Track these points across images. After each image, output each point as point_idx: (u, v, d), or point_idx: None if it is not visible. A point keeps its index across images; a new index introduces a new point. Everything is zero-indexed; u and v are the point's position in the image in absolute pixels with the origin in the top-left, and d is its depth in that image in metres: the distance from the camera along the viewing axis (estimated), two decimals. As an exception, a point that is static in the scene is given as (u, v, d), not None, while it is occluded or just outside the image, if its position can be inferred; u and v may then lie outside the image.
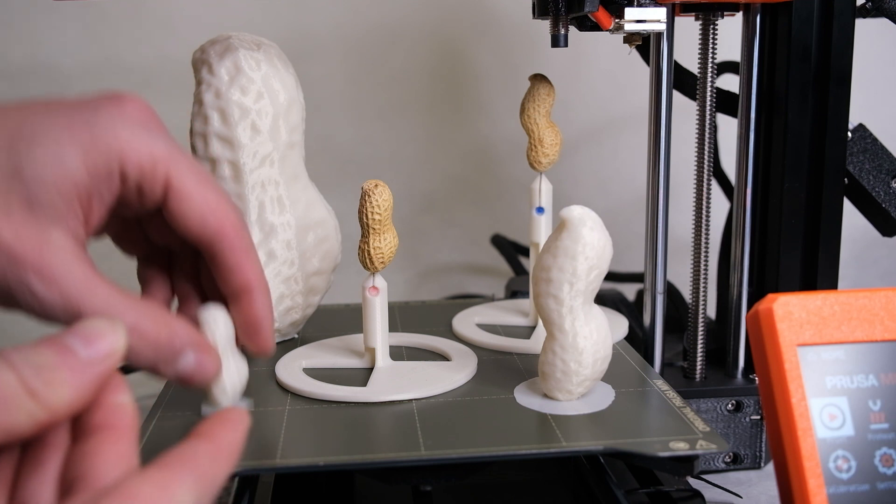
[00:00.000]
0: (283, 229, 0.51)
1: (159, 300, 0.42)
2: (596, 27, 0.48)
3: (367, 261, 0.46)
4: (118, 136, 0.35)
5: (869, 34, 0.59)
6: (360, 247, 0.46)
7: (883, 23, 0.51)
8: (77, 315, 0.34)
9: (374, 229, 0.44)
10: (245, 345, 0.41)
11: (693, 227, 0.53)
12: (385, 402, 0.43)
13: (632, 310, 0.62)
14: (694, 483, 0.48)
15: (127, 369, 0.68)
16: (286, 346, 0.53)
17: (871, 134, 0.51)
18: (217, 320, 0.41)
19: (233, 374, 0.42)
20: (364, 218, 0.44)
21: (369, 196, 0.44)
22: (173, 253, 0.42)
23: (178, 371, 0.36)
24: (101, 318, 0.30)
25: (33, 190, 0.34)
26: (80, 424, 0.30)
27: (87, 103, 0.36)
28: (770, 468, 0.51)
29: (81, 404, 0.28)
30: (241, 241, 0.39)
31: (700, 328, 0.52)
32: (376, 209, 0.44)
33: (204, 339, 0.38)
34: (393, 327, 0.56)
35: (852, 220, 0.55)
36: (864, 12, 0.49)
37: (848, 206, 0.51)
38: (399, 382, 0.45)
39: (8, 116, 0.35)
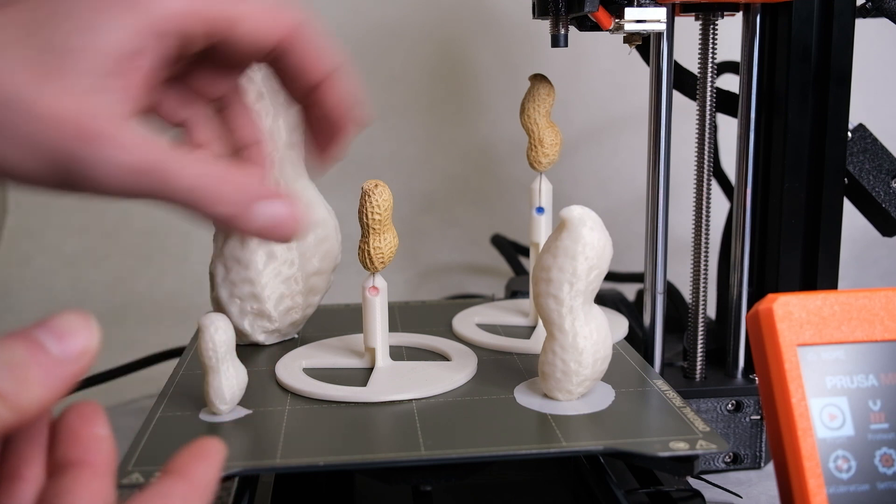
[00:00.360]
0: (283, 229, 0.51)
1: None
2: (596, 27, 0.48)
3: (367, 261, 0.46)
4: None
5: (869, 34, 0.59)
6: (360, 247, 0.46)
7: (883, 23, 0.51)
8: (163, 182, 0.32)
9: (374, 229, 0.44)
10: (317, 154, 0.39)
11: (693, 227, 0.53)
12: (385, 403, 0.43)
13: (632, 310, 0.61)
14: (694, 483, 0.48)
15: (131, 367, 0.68)
16: (286, 346, 0.53)
17: (870, 134, 0.51)
18: (217, 325, 0.42)
19: (231, 380, 0.42)
20: (364, 218, 0.44)
21: (369, 196, 0.44)
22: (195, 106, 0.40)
23: (264, 220, 0.34)
24: (73, 314, 0.27)
25: (87, 58, 0.32)
26: (55, 458, 0.28)
27: None
28: (770, 468, 0.51)
29: (50, 406, 0.27)
30: (313, 32, 0.37)
31: (700, 328, 0.52)
32: (376, 209, 0.44)
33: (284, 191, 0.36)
34: (393, 327, 0.56)
35: (852, 220, 0.55)
36: (864, 12, 0.49)
37: (848, 206, 0.51)
38: (399, 382, 0.45)
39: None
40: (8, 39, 0.32)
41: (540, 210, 0.53)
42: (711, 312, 0.62)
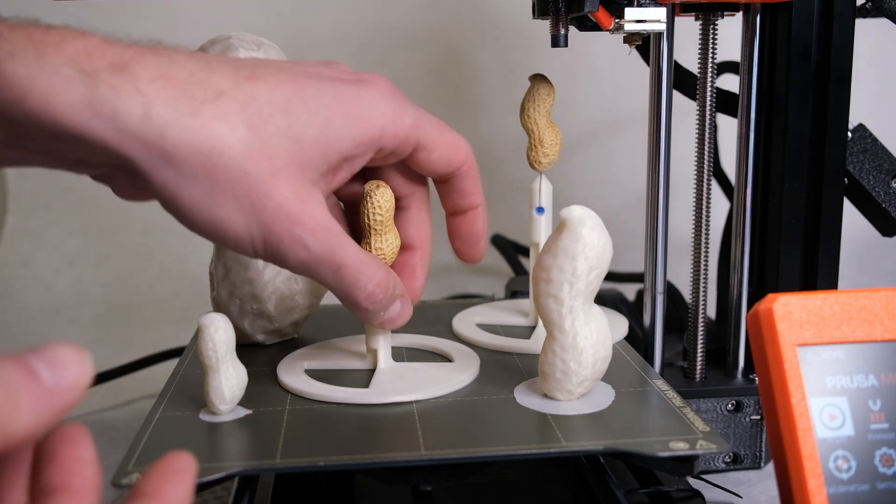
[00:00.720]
0: (284, 229, 0.51)
1: None
2: (596, 27, 0.48)
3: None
4: (383, 112, 0.40)
5: (869, 34, 0.59)
6: (362, 248, 0.46)
7: (883, 23, 0.51)
8: (338, 267, 0.39)
9: (375, 230, 0.44)
10: (462, 254, 0.47)
11: (693, 227, 0.53)
12: (387, 404, 0.43)
13: (632, 310, 0.61)
14: (694, 483, 0.48)
15: (131, 367, 0.68)
16: (286, 346, 0.53)
17: (871, 134, 0.51)
18: (217, 326, 0.42)
19: (231, 380, 0.42)
20: (365, 219, 0.44)
21: (371, 197, 0.44)
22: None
23: (386, 316, 0.42)
24: (67, 346, 0.26)
25: (308, 153, 0.38)
26: (39, 483, 0.27)
27: (347, 80, 0.40)
28: (770, 468, 0.51)
29: (35, 435, 0.26)
30: (475, 171, 0.45)
31: (700, 328, 0.52)
32: (377, 210, 0.44)
33: (407, 289, 0.44)
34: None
35: (852, 220, 0.55)
36: (864, 12, 0.49)
37: (848, 206, 0.51)
38: (401, 384, 0.45)
39: (282, 79, 0.38)
40: (262, 118, 0.37)
41: (540, 210, 0.53)
42: (711, 312, 0.62)
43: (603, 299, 0.61)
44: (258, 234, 0.37)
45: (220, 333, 0.41)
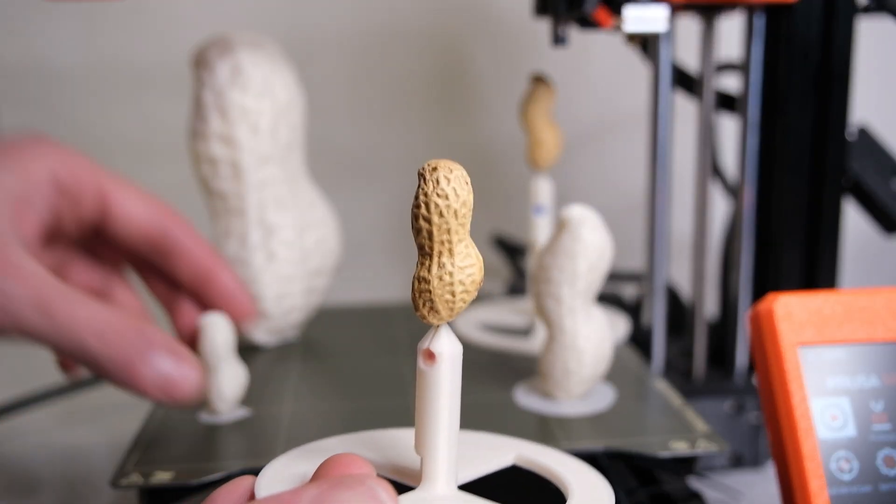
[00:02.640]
0: (284, 229, 0.51)
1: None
2: (596, 26, 0.48)
3: (426, 300, 0.27)
4: (46, 151, 0.38)
5: (870, 34, 0.59)
6: (418, 277, 0.27)
7: (885, 22, 0.51)
8: (47, 308, 0.32)
9: (443, 242, 0.26)
10: (232, 319, 0.42)
11: (693, 227, 0.53)
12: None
13: (632, 310, 0.61)
14: (694, 483, 0.47)
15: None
16: (287, 347, 0.53)
17: (872, 133, 0.51)
18: (216, 326, 0.41)
19: (231, 380, 0.42)
20: (426, 223, 0.26)
21: (437, 183, 0.26)
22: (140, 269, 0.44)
23: (150, 374, 0.33)
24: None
25: None
26: None
27: (7, 140, 0.38)
28: (770, 468, 0.50)
29: None
30: (190, 228, 0.41)
31: (700, 328, 0.52)
32: (451, 203, 0.26)
33: (181, 346, 0.35)
34: (394, 328, 0.56)
35: (853, 219, 0.55)
36: (866, 9, 0.49)
37: (848, 205, 0.51)
38: None
39: None
40: None
41: (540, 210, 0.53)
42: (711, 312, 0.62)
43: (603, 299, 0.61)
44: None
45: (220, 334, 0.41)
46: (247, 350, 0.51)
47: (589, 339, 0.42)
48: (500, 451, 0.33)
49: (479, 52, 0.80)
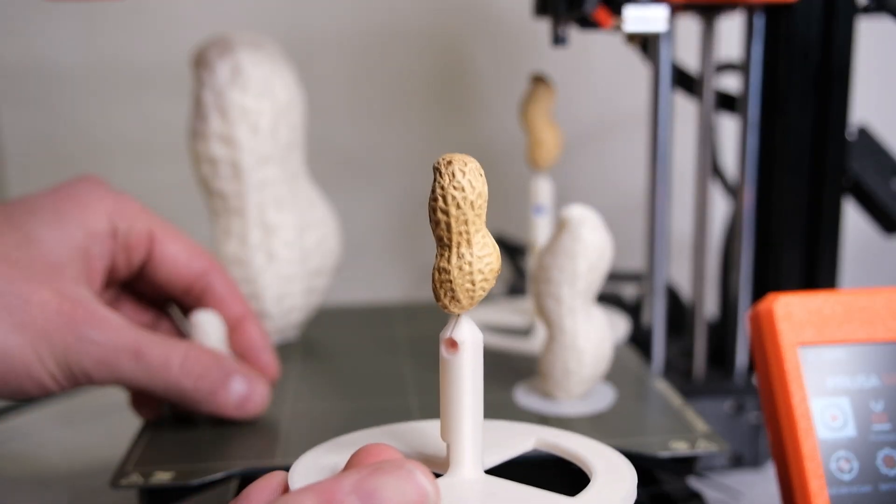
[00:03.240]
0: (284, 229, 0.51)
1: None
2: (596, 26, 0.48)
3: (448, 290, 0.28)
4: (103, 197, 0.39)
5: (870, 34, 0.59)
6: (438, 268, 0.28)
7: (885, 22, 0.51)
8: (138, 352, 0.36)
9: (461, 233, 0.27)
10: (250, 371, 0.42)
11: (693, 227, 0.52)
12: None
13: (632, 310, 0.61)
14: (694, 483, 0.47)
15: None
16: (287, 346, 0.53)
17: (872, 133, 0.51)
18: (209, 322, 0.41)
19: None
20: (444, 216, 0.27)
21: (454, 176, 0.27)
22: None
23: (231, 398, 0.38)
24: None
25: (47, 249, 0.37)
26: None
27: (59, 185, 0.40)
28: (770, 468, 0.50)
29: None
30: (227, 275, 0.43)
31: (700, 328, 0.52)
32: (468, 195, 0.27)
33: (249, 367, 0.40)
34: (394, 328, 0.56)
35: (853, 219, 0.54)
36: (866, 9, 0.49)
37: (848, 205, 0.51)
38: None
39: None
40: None
41: (540, 210, 0.53)
42: (711, 312, 0.62)
43: (603, 299, 0.61)
44: (44, 350, 0.35)
45: (212, 329, 0.42)
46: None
47: (589, 339, 0.42)
48: (520, 437, 0.34)
49: (479, 52, 0.80)
